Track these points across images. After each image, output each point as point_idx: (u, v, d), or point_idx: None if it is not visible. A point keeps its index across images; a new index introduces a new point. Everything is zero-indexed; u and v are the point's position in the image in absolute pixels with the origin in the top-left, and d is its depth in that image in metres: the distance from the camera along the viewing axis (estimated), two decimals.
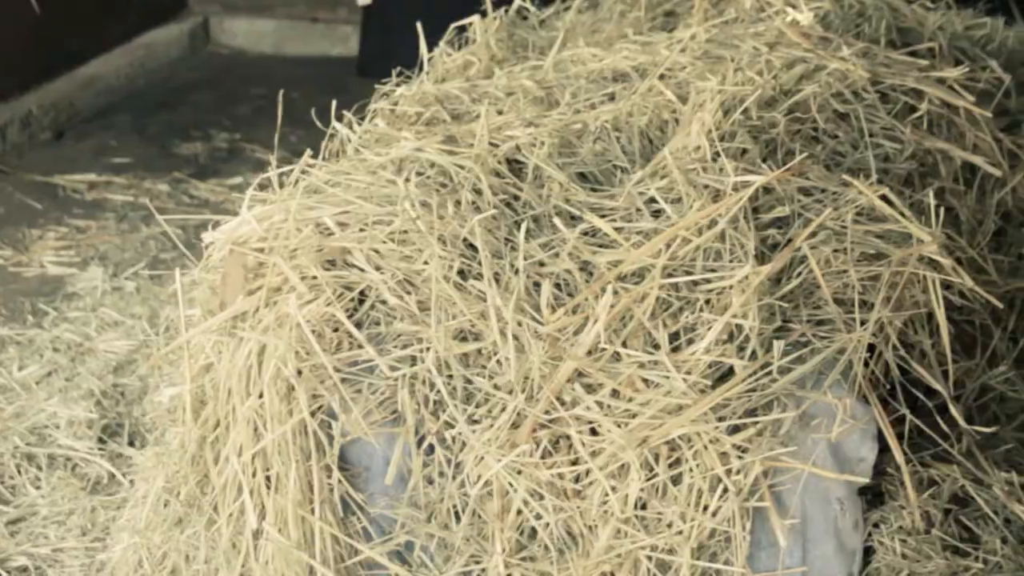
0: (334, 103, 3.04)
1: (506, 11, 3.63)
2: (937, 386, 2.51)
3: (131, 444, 3.53)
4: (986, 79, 3.39)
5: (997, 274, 3.05)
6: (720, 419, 2.28)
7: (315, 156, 2.99)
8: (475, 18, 3.54)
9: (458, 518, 2.44)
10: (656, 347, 2.33)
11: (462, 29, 3.56)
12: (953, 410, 2.49)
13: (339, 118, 3.05)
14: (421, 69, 3.41)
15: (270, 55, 7.19)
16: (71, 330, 4.12)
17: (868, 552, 2.46)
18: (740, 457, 2.28)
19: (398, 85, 3.27)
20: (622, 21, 3.59)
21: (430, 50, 3.45)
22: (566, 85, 3.13)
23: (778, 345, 2.31)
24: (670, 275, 2.39)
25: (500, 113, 2.99)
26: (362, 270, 2.53)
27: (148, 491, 2.78)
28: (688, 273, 2.40)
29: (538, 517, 2.36)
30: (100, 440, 3.55)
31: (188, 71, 6.91)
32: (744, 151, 2.66)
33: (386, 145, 2.91)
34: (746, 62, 2.98)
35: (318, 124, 3.13)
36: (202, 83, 6.74)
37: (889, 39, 3.43)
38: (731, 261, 2.41)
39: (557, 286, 2.44)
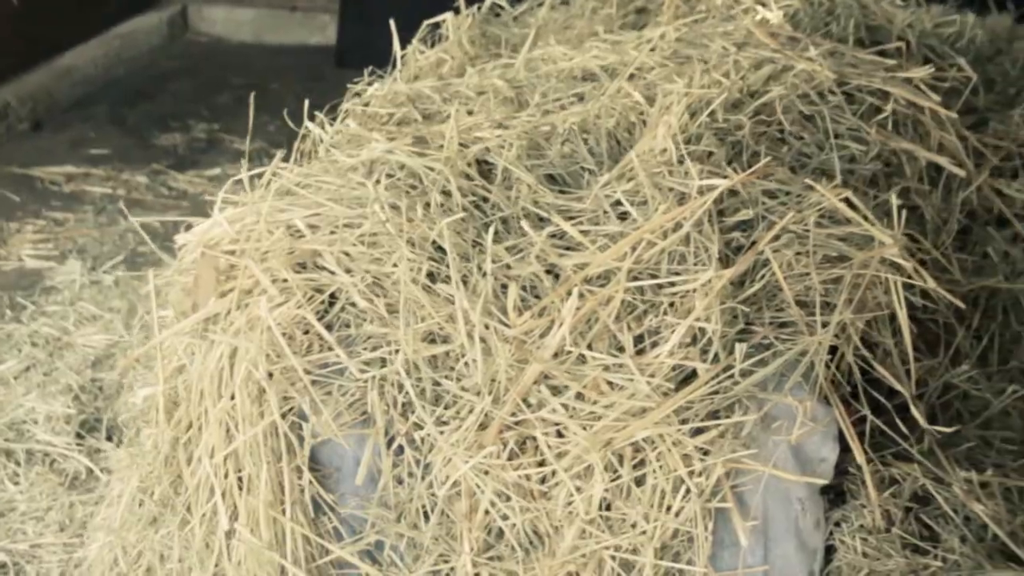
0: (307, 102, 3.06)
1: (479, 8, 3.65)
2: (898, 386, 2.55)
3: (109, 439, 3.54)
4: (954, 77, 3.42)
5: (961, 273, 3.09)
6: (683, 421, 2.31)
7: (291, 151, 3.02)
8: (448, 15, 3.56)
9: (427, 518, 2.48)
10: (621, 349, 2.37)
11: (435, 26, 3.57)
12: (914, 410, 2.52)
13: (312, 117, 3.07)
14: (394, 67, 3.43)
15: (249, 43, 7.21)
16: (49, 324, 4.13)
17: (830, 550, 2.49)
18: (702, 459, 2.31)
19: (370, 83, 3.29)
20: (594, 18, 3.61)
21: (404, 45, 3.47)
22: (536, 84, 3.15)
23: (740, 348, 2.35)
24: (635, 278, 2.42)
25: (470, 113, 3.01)
26: (332, 272, 2.56)
27: (123, 491, 2.81)
28: (653, 276, 2.43)
29: (505, 517, 2.39)
30: (78, 435, 3.57)
31: (167, 60, 6.92)
32: (710, 154, 2.68)
33: (357, 146, 2.93)
34: (714, 63, 3.00)
35: (291, 123, 3.15)
36: (181, 72, 6.75)
37: (858, 37, 3.46)
38: (695, 264, 2.44)
39: (525, 288, 2.48)
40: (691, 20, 3.32)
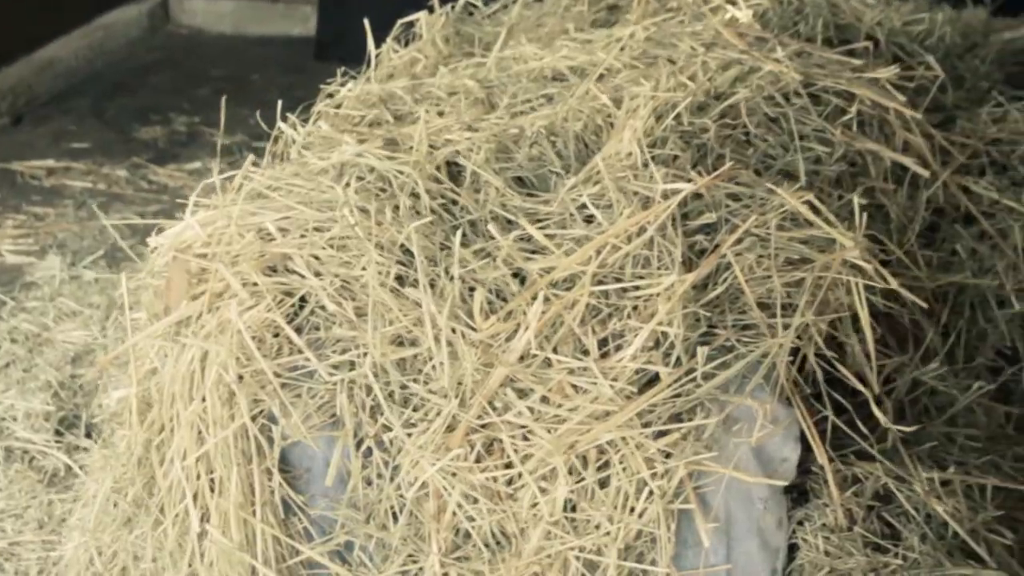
0: (280, 104, 3.08)
1: (452, 7, 3.67)
2: (860, 387, 2.58)
3: (88, 436, 3.56)
4: (922, 76, 3.44)
5: (928, 269, 3.12)
6: (646, 424, 2.35)
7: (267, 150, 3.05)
8: (422, 14, 3.58)
9: (396, 519, 2.51)
10: (586, 352, 2.40)
11: (410, 24, 3.59)
12: (875, 410, 2.56)
13: (284, 118, 3.09)
14: (368, 66, 3.45)
15: (230, 35, 7.19)
16: (29, 320, 4.14)
17: (793, 549, 2.52)
18: (665, 461, 2.35)
19: (343, 83, 3.31)
20: (565, 16, 3.63)
21: (380, 43, 3.49)
22: (507, 84, 3.18)
23: (702, 351, 2.38)
24: (600, 282, 2.45)
25: (441, 115, 3.04)
26: (302, 276, 2.59)
27: (97, 491, 2.84)
28: (618, 280, 2.46)
29: (471, 519, 2.42)
30: (57, 432, 3.59)
31: (147, 52, 6.92)
32: (675, 157, 2.71)
33: (329, 147, 2.96)
34: (682, 64, 3.02)
35: (263, 125, 3.17)
36: (162, 64, 6.76)
37: (826, 36, 3.49)
38: (659, 268, 2.47)
39: (492, 292, 2.51)
40: (661, 19, 3.34)
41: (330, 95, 3.27)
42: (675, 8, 3.43)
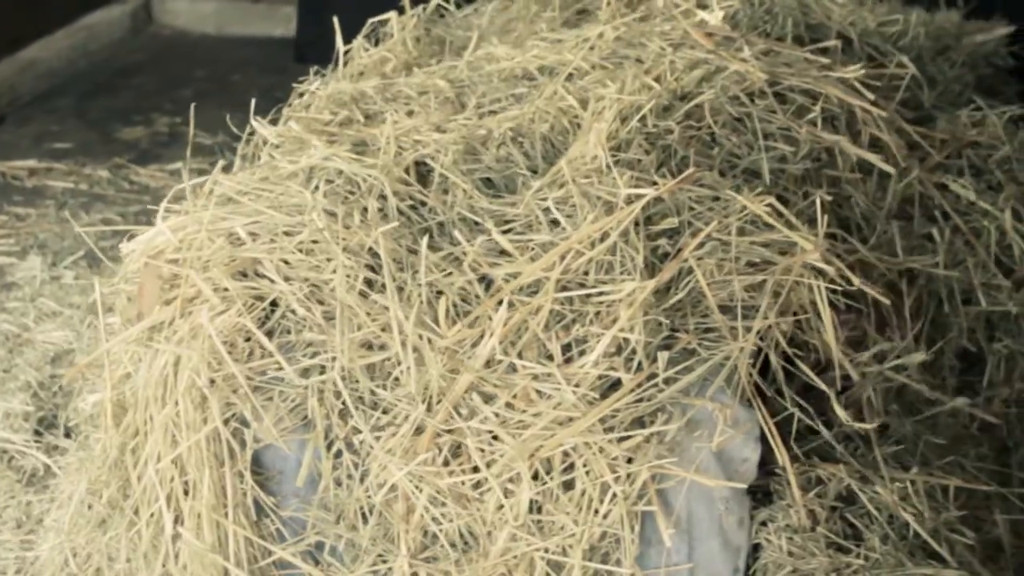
0: (252, 103, 3.10)
1: (424, 8, 3.70)
2: (823, 386, 2.61)
3: (67, 436, 3.58)
4: (895, 75, 3.46)
5: (895, 258, 3.11)
6: (609, 429, 2.38)
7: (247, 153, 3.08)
8: (392, 14, 3.61)
9: (366, 520, 2.54)
10: (550, 358, 2.44)
11: (382, 23, 3.62)
12: (838, 408, 2.59)
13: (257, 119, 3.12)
14: (338, 64, 3.48)
15: (212, 36, 7.21)
16: (9, 321, 4.18)
17: (757, 548, 2.56)
18: (628, 464, 2.38)
19: (314, 83, 3.33)
20: (536, 20, 3.65)
21: (348, 43, 3.52)
22: (477, 84, 3.20)
23: (662, 356, 2.41)
24: (564, 288, 2.49)
25: (411, 114, 3.07)
26: (272, 280, 2.61)
27: (72, 493, 2.87)
28: (581, 285, 2.49)
29: (438, 522, 2.46)
30: (36, 432, 3.62)
31: (130, 53, 6.94)
32: (639, 160, 2.74)
33: (300, 147, 2.98)
34: (650, 64, 3.05)
35: (235, 129, 3.19)
36: (144, 65, 6.78)
37: (796, 35, 3.50)
38: (622, 273, 2.50)
39: (458, 297, 2.54)
40: (631, 19, 3.36)
41: (301, 95, 3.30)
42: (644, 11, 3.45)
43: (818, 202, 2.68)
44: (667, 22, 3.35)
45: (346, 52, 3.49)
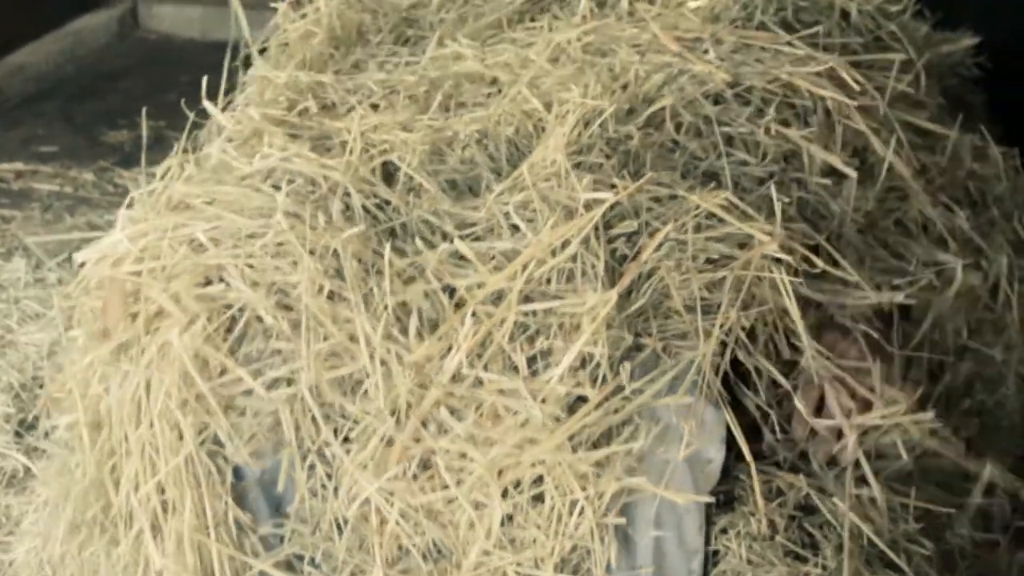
0: (204, 79, 3.08)
1: None
2: (783, 381, 2.60)
3: (47, 438, 3.59)
4: (886, 60, 3.40)
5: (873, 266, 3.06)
6: (577, 445, 2.39)
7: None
8: None
9: (341, 531, 2.55)
10: (516, 370, 2.44)
11: None
12: (798, 403, 2.60)
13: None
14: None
15: (197, 40, 7.19)
16: None
17: (717, 554, 2.57)
18: (597, 477, 2.39)
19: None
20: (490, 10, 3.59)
21: None
22: (442, 81, 3.17)
23: (626, 368, 2.42)
24: (527, 298, 2.48)
25: (375, 107, 3.04)
26: (238, 288, 2.59)
27: (48, 498, 2.87)
28: (544, 294, 2.49)
29: (410, 536, 2.47)
30: (17, 434, 3.63)
31: (116, 57, 6.94)
32: (600, 165, 2.73)
33: (255, 135, 2.96)
34: (618, 70, 3.03)
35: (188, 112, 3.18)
36: (131, 70, 6.79)
37: (784, 20, 3.40)
38: (583, 280, 2.50)
39: (424, 303, 2.54)
40: (601, 22, 3.32)
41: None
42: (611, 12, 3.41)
43: (773, 191, 2.65)
44: (635, 24, 3.30)
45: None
